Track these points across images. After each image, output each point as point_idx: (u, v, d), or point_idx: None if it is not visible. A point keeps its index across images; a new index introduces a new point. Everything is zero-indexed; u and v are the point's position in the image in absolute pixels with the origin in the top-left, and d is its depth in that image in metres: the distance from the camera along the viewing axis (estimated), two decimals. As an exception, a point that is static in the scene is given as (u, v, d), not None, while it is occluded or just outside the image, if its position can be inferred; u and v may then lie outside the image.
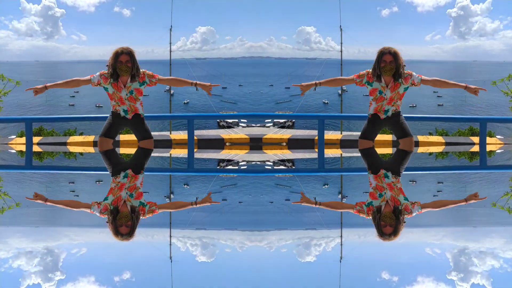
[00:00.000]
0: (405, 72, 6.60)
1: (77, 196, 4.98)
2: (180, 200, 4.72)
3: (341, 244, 3.34)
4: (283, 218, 4.08)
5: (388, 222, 3.70)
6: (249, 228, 3.71)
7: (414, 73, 6.63)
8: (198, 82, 6.86)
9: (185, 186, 5.54)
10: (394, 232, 3.50)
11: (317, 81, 6.79)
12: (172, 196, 4.88)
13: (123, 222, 3.68)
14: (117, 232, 3.48)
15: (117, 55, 6.56)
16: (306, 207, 4.42)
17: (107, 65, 6.68)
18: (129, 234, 3.45)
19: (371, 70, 6.63)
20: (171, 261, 3.02)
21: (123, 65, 6.55)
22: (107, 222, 3.73)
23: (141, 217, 3.78)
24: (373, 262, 3.00)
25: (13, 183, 5.76)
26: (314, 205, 4.32)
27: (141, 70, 6.67)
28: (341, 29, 15.28)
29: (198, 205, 4.27)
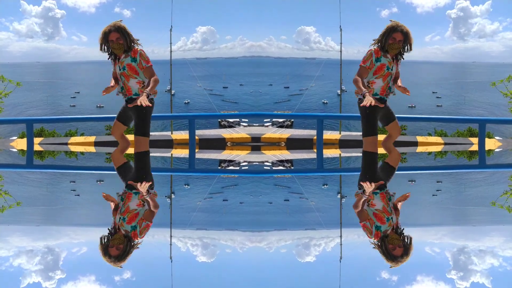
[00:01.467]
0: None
1: (78, 195, 4.99)
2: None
3: (341, 244, 3.35)
4: (282, 218, 4.09)
5: (397, 244, 3.38)
6: (248, 228, 3.71)
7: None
8: (147, 93, 6.25)
9: (186, 186, 5.55)
10: (406, 253, 3.21)
11: (366, 89, 6.28)
12: (173, 196, 4.89)
13: (115, 244, 3.36)
14: (105, 253, 3.18)
15: (106, 34, 6.25)
16: (305, 208, 4.43)
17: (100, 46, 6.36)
18: (117, 257, 3.10)
19: (375, 46, 6.31)
20: (172, 261, 3.02)
21: (115, 44, 6.25)
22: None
23: (137, 240, 3.50)
24: (373, 262, 3.01)
25: (14, 182, 5.76)
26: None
27: (138, 47, 6.37)
28: (340, 29, 15.27)
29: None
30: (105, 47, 6.34)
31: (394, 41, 6.15)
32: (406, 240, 3.43)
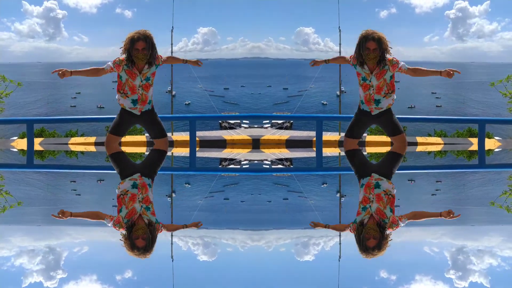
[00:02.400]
0: (394, 59, 6.15)
1: (79, 195, 5.01)
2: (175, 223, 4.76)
3: (340, 243, 3.37)
4: (281, 217, 4.10)
5: (372, 234, 3.40)
6: (248, 227, 3.73)
7: (400, 61, 6.18)
8: (187, 59, 6.59)
9: (187, 185, 5.56)
10: (378, 246, 3.21)
11: (327, 59, 6.70)
12: (173, 195, 4.91)
13: (139, 234, 3.38)
14: (133, 246, 3.21)
15: (133, 41, 6.00)
16: (304, 207, 4.45)
17: (121, 49, 6.12)
18: (145, 248, 3.18)
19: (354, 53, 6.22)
20: (173, 260, 3.04)
21: (140, 53, 6.01)
22: (120, 240, 3.38)
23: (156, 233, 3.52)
24: (371, 261, 3.03)
25: (14, 182, 5.78)
26: (324, 227, 3.84)
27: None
28: (339, 30, 15.30)
29: (188, 228, 3.75)
30: (128, 54, 6.09)
31: (368, 51, 6.04)
32: (383, 236, 3.39)
